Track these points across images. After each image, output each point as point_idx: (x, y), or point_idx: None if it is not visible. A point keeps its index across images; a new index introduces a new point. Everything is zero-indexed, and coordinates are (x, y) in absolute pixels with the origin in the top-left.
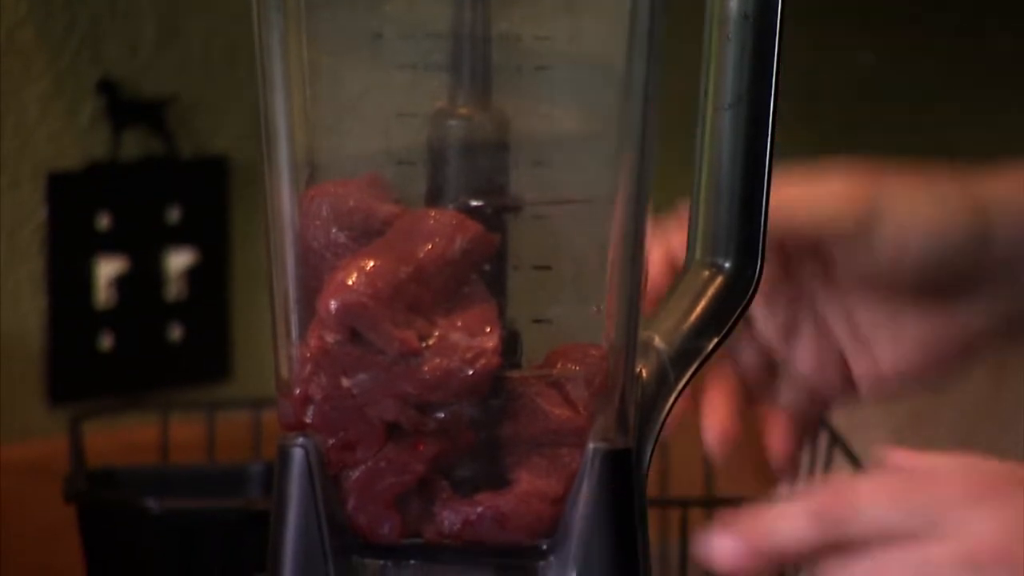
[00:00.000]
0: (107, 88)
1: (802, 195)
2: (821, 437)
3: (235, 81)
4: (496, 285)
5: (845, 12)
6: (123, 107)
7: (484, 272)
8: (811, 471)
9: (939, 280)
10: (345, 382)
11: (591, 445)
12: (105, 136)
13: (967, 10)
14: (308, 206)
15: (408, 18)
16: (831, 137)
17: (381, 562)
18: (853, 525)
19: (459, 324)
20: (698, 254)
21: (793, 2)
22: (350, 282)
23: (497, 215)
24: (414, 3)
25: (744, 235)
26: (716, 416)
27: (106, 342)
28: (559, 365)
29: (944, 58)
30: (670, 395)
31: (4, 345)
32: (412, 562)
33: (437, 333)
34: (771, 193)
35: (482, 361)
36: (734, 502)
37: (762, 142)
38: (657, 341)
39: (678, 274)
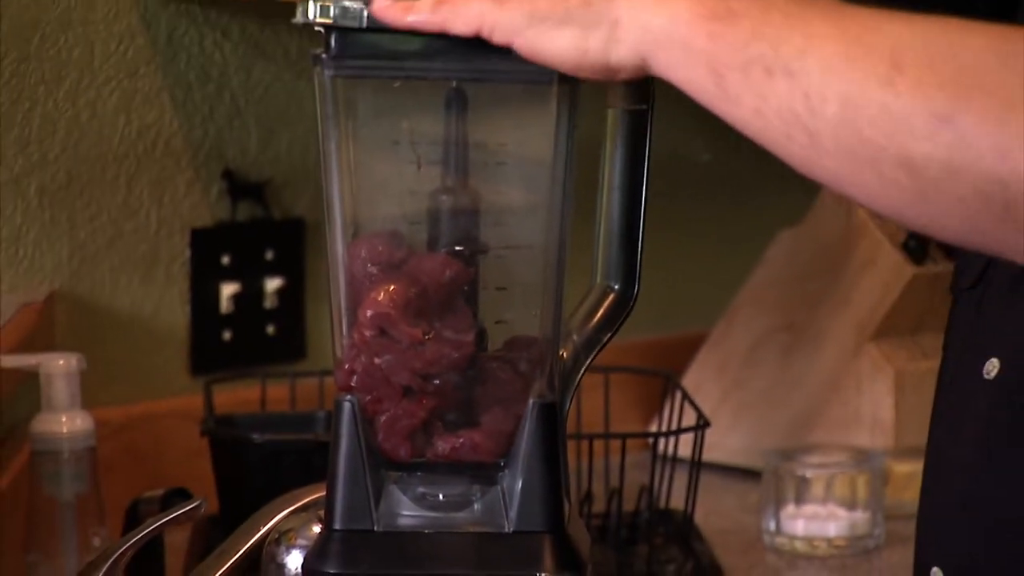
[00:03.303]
0: (228, 175)
1: None
2: (676, 393)
3: (308, 170)
4: (471, 300)
5: (690, 126)
6: (238, 187)
7: (464, 291)
8: (665, 420)
9: None
10: (376, 361)
11: (531, 400)
12: (227, 205)
13: None
14: (353, 250)
15: (416, 132)
16: (680, 205)
17: (399, 473)
18: None
19: (448, 324)
20: (599, 279)
21: (657, 120)
22: (379, 299)
23: (472, 256)
24: (419, 122)
25: (626, 268)
26: None
27: (227, 335)
28: (512, 350)
29: (754, 158)
30: (581, 369)
31: (163, 338)
32: (419, 473)
33: (434, 331)
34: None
35: (463, 348)
36: (621, 436)
37: (638, 210)
38: (573, 335)
39: None
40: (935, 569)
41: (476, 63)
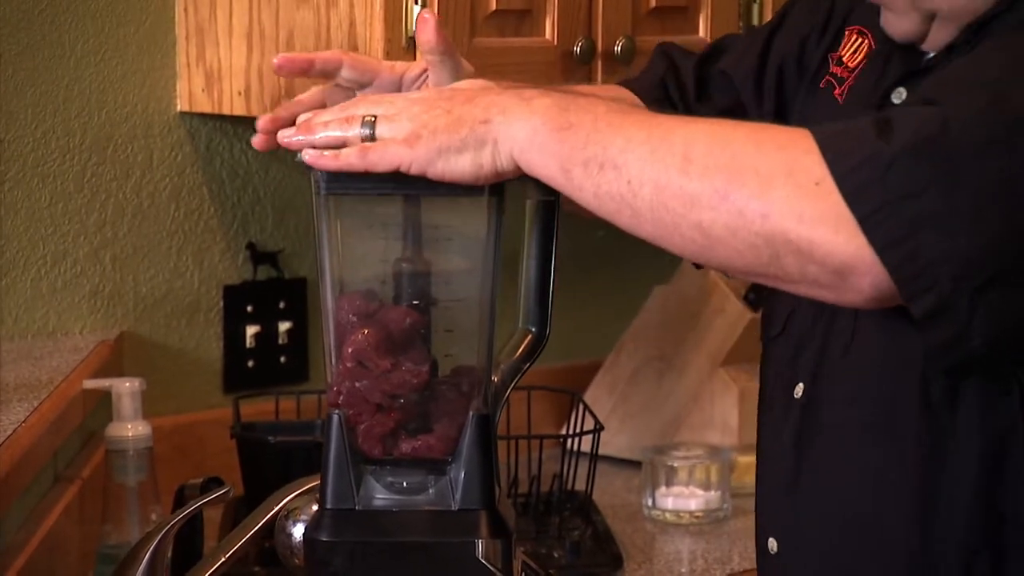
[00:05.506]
0: (251, 247)
1: None
2: (579, 406)
3: (308, 243)
4: (426, 340)
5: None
6: (259, 256)
7: (420, 334)
8: (571, 425)
9: None
10: (357, 384)
11: (471, 413)
12: (250, 268)
13: None
14: (339, 304)
15: (385, 216)
16: (581, 269)
17: (374, 467)
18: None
19: (409, 358)
20: (521, 324)
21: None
22: (358, 339)
23: (426, 307)
24: (390, 209)
25: (541, 316)
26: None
27: (250, 363)
28: (456, 376)
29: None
30: (508, 389)
31: (203, 366)
32: (388, 467)
33: (399, 362)
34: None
35: (420, 376)
36: (539, 437)
37: (549, 273)
38: (502, 364)
39: None
40: (771, 539)
41: (431, 184)
